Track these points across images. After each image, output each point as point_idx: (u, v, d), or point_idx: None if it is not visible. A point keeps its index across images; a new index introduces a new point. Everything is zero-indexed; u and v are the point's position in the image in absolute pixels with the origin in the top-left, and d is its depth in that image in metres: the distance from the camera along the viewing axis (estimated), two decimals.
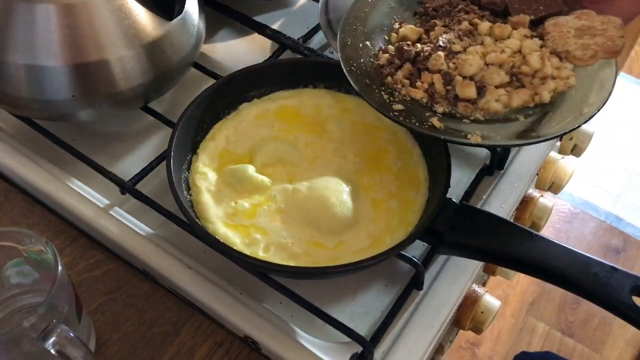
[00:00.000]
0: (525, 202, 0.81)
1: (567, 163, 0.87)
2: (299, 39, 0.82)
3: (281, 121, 0.69)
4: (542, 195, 0.83)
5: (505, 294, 1.86)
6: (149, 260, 0.62)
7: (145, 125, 0.77)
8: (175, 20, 0.68)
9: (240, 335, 0.60)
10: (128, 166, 0.71)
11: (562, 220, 2.05)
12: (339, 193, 0.61)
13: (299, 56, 0.80)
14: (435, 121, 0.58)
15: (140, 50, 0.66)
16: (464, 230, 0.57)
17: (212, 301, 0.60)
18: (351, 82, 0.60)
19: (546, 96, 0.59)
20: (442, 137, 0.57)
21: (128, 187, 0.66)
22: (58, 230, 0.68)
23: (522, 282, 1.89)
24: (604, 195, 2.13)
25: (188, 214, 0.57)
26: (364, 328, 0.60)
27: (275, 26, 0.84)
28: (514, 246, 0.55)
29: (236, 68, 0.71)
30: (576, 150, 0.92)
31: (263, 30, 0.83)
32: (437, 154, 0.63)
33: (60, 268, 0.50)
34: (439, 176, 0.62)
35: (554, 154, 0.87)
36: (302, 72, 0.71)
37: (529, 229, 0.56)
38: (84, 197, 0.68)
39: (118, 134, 0.76)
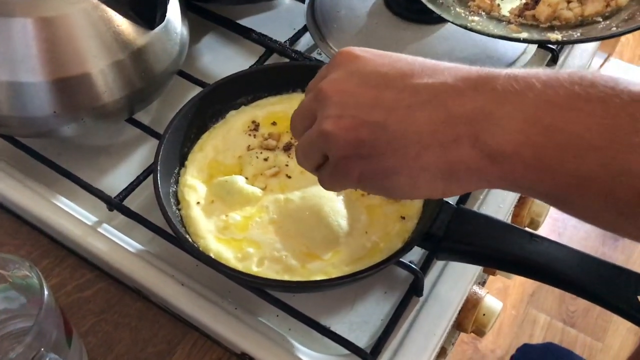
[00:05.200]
0: (523, 199, 0.80)
1: None
2: (285, 41, 0.80)
3: (271, 128, 0.67)
4: None
5: (505, 286, 1.85)
6: (140, 277, 0.60)
7: (132, 138, 0.75)
8: (157, 29, 0.66)
9: (237, 352, 0.58)
10: (116, 180, 0.69)
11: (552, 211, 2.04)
12: (332, 201, 0.59)
13: (286, 60, 0.78)
14: (512, 27, 0.66)
15: (122, 62, 0.64)
16: (462, 235, 0.56)
17: (206, 318, 0.58)
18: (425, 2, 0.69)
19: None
20: (522, 38, 0.65)
21: (115, 204, 0.64)
22: (46, 250, 0.66)
23: None
24: None
25: (177, 230, 0.55)
26: (363, 338, 0.59)
27: (260, 29, 0.82)
28: (513, 250, 0.53)
29: (223, 74, 0.70)
30: None
31: (248, 34, 0.81)
32: None
33: (46, 293, 0.49)
34: None
35: None
36: (290, 77, 0.69)
37: (528, 231, 0.54)
38: (71, 215, 0.66)
39: (104, 148, 0.74)
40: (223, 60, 0.83)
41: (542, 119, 0.37)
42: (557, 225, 1.95)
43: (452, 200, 0.62)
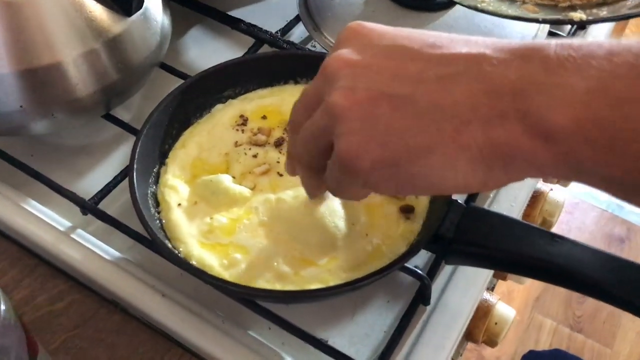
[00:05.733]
0: (535, 198, 0.74)
1: None
2: (276, 32, 0.75)
3: (260, 122, 0.62)
4: (552, 189, 0.77)
5: (509, 290, 1.80)
6: (117, 288, 0.56)
7: (111, 136, 0.70)
8: (134, 16, 0.61)
9: None
10: (93, 183, 0.64)
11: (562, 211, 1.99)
12: (328, 201, 0.54)
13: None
14: (528, 7, 0.59)
15: (96, 51, 0.59)
16: (475, 236, 0.50)
17: (190, 332, 0.53)
18: None
19: None
20: (540, 19, 0.58)
21: (89, 207, 0.58)
22: (15, 259, 0.60)
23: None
24: None
25: (154, 234, 0.49)
26: (365, 353, 0.53)
27: (250, 21, 0.77)
28: (533, 252, 0.48)
29: None
30: None
31: (236, 24, 0.76)
32: None
33: (3, 308, 0.43)
34: None
35: None
36: (282, 67, 0.64)
37: (549, 231, 0.48)
38: (42, 220, 0.60)
39: (81, 147, 0.69)
40: (210, 54, 0.78)
41: (611, 89, 0.30)
42: (561, 228, 1.90)
43: (460, 198, 0.56)
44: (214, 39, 0.81)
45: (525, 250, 0.48)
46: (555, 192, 0.77)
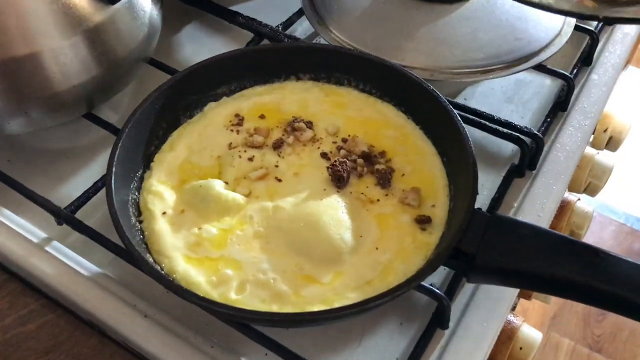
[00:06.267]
0: (561, 208, 0.68)
1: (604, 158, 0.74)
2: (277, 26, 0.69)
3: (258, 122, 0.57)
4: (579, 199, 0.70)
5: (524, 308, 1.72)
6: (94, 307, 0.51)
7: (96, 139, 0.65)
8: (119, 4, 0.56)
9: None
10: (75, 190, 0.58)
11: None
12: (333, 210, 0.49)
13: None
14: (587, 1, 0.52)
15: (76, 41, 0.54)
16: (502, 250, 0.44)
17: (175, 359, 0.48)
18: None
19: None
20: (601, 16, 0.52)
21: (64, 216, 0.53)
22: None
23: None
24: (620, 195, 1.99)
25: (132, 247, 0.43)
26: None
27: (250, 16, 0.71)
28: (572, 270, 0.41)
29: None
30: (612, 144, 0.79)
31: (234, 17, 0.70)
32: (456, 152, 0.51)
33: None
34: (461, 180, 0.50)
35: (588, 149, 0.74)
36: (282, 61, 0.59)
37: (591, 245, 0.42)
38: (13, 230, 0.55)
39: (63, 151, 0.64)
40: (206, 51, 0.73)
41: None
42: None
43: (480, 206, 0.50)
44: (211, 35, 0.75)
45: (563, 268, 0.41)
46: (582, 201, 0.70)
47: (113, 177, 0.47)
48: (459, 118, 0.51)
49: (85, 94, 0.56)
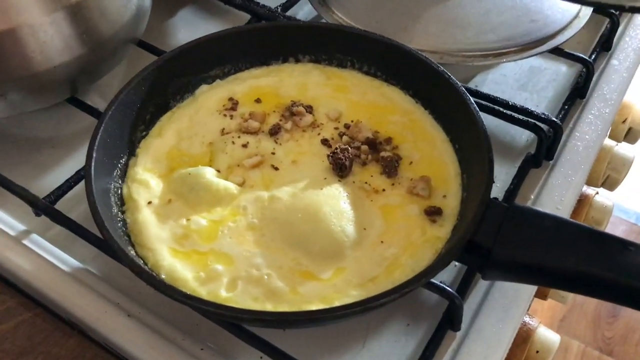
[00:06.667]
0: (579, 202, 0.64)
1: (624, 150, 0.69)
2: (276, 7, 0.65)
3: (254, 106, 0.54)
4: (597, 192, 0.66)
5: (532, 310, 1.68)
6: (74, 305, 0.48)
7: (83, 127, 0.62)
8: None
9: None
10: (59, 180, 0.55)
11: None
12: (334, 200, 0.46)
13: None
14: None
15: (57, 17, 0.51)
16: (521, 243, 0.40)
17: None
18: None
19: None
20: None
21: (42, 207, 0.50)
22: None
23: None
24: (631, 195, 1.95)
25: (111, 238, 0.40)
26: None
27: None
28: (600, 264, 0.37)
29: None
30: (631, 136, 0.74)
31: None
32: (469, 138, 0.47)
33: None
34: (475, 168, 0.46)
35: (606, 141, 0.70)
36: (280, 42, 0.56)
37: (619, 237, 0.38)
38: None
39: (47, 139, 0.61)
40: (201, 35, 0.68)
41: None
42: None
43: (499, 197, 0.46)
44: (206, 18, 0.73)
45: (590, 263, 0.37)
46: (601, 195, 0.66)
47: (93, 163, 0.44)
48: (472, 101, 0.47)
49: (67, 76, 0.53)
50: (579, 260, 0.38)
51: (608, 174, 0.70)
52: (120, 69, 0.62)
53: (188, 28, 0.72)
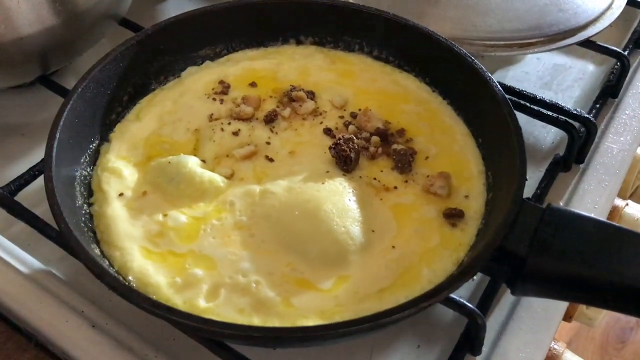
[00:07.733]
0: (608, 214, 0.58)
1: None
2: None
3: (247, 90, 0.48)
4: (627, 204, 0.60)
5: None
6: (32, 313, 0.43)
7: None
8: None
9: None
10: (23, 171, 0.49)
11: None
12: (337, 196, 0.41)
13: None
14: None
15: None
16: (561, 250, 0.34)
17: None
18: None
19: None
20: None
21: None
22: None
23: None
24: None
25: (69, 231, 0.34)
26: None
27: None
28: None
29: None
30: None
31: None
32: (496, 132, 0.42)
33: None
34: (503, 165, 0.41)
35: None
36: (280, 21, 0.51)
37: None
38: None
39: (18, 126, 0.57)
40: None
41: None
42: None
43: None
44: (200, 4, 0.66)
45: None
46: (631, 207, 0.60)
47: (56, 145, 0.38)
48: (500, 89, 0.41)
49: (37, 50, 0.48)
50: (630, 272, 0.32)
51: (638, 184, 0.64)
52: (102, 49, 0.56)
53: (178, 10, 0.67)
